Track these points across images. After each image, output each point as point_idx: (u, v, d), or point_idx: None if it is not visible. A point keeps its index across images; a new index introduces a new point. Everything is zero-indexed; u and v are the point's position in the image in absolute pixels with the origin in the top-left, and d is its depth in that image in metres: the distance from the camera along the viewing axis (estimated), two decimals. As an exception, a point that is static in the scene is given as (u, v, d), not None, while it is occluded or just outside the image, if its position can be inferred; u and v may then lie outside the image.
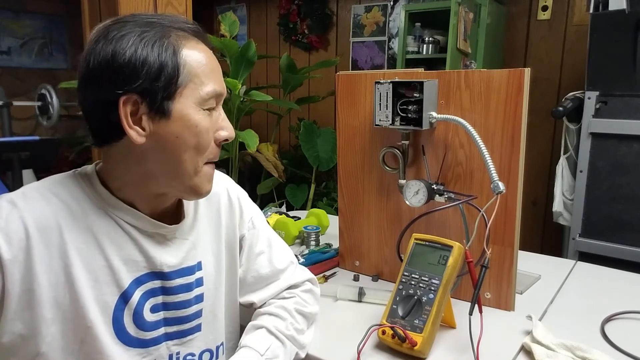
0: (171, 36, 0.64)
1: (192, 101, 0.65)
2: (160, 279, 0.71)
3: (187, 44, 0.66)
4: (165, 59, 0.63)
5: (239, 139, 2.54)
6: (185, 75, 0.64)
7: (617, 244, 1.95)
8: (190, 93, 0.65)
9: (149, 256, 0.70)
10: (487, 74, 0.92)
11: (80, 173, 0.70)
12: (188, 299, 0.74)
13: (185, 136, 0.65)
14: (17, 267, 0.60)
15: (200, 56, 0.66)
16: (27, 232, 0.61)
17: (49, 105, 3.48)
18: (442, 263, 0.82)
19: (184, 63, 0.64)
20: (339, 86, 1.11)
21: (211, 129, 0.68)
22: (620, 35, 1.93)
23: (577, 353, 0.77)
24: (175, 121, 0.64)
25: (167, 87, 0.63)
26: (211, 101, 0.68)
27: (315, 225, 1.38)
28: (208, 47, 0.70)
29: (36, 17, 4.03)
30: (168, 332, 0.73)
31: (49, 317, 0.62)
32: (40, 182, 0.68)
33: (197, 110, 0.66)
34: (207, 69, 0.67)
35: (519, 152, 0.91)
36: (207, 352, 0.78)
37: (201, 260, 0.77)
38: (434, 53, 2.80)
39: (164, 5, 1.36)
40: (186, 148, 0.66)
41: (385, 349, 0.82)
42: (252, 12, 4.18)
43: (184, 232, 0.75)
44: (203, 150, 0.68)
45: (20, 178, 2.55)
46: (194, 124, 0.66)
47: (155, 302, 0.71)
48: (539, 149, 2.75)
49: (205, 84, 0.66)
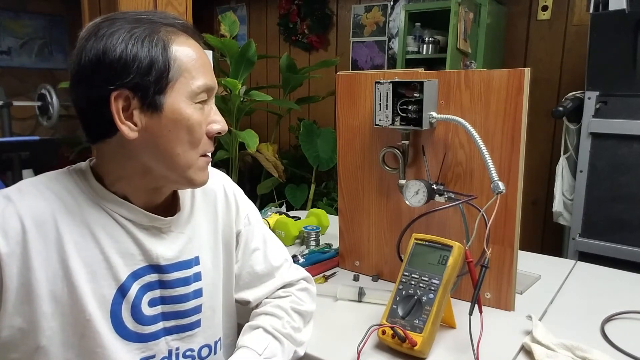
0: (161, 32, 0.65)
1: (184, 95, 0.66)
2: (157, 272, 0.72)
3: (177, 39, 0.67)
4: (156, 54, 0.64)
5: (239, 139, 2.54)
6: (175, 69, 0.65)
7: (617, 244, 1.95)
8: (181, 87, 0.66)
9: (144, 249, 0.70)
10: (487, 74, 0.92)
11: (74, 169, 0.71)
12: (186, 293, 0.74)
13: (177, 130, 0.66)
14: (14, 261, 0.60)
15: (190, 51, 0.67)
16: (23, 226, 0.61)
17: (49, 105, 3.48)
18: (442, 263, 0.82)
19: (175, 58, 0.65)
20: (339, 86, 1.11)
21: (203, 123, 0.69)
22: (620, 35, 1.93)
23: (577, 353, 0.77)
24: (167, 115, 0.65)
25: (158, 81, 0.64)
26: (202, 95, 0.68)
27: (315, 225, 1.38)
28: (198, 43, 0.70)
29: (36, 17, 4.03)
30: (167, 326, 0.73)
31: (48, 311, 0.63)
32: (35, 178, 0.68)
33: (188, 104, 0.66)
34: (198, 63, 0.68)
35: (519, 152, 0.91)
36: (206, 347, 0.79)
37: (198, 255, 0.77)
38: (434, 53, 2.80)
39: (164, 5, 1.36)
40: (179, 142, 0.67)
41: (385, 349, 0.82)
42: (252, 12, 4.18)
43: (180, 225, 0.76)
44: (196, 144, 0.68)
45: (20, 178, 2.54)
46: (185, 118, 0.66)
47: (153, 296, 0.71)
48: (539, 149, 2.75)
49: (196, 77, 0.67)
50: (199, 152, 0.70)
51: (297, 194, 3.33)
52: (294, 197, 3.30)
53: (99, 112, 0.64)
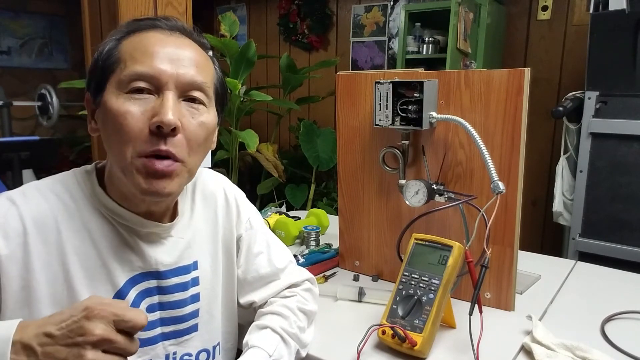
0: (140, 31, 0.65)
1: (114, 86, 0.62)
2: (156, 278, 0.71)
3: (141, 34, 0.64)
4: (109, 50, 0.64)
5: (239, 139, 2.53)
6: (114, 61, 0.63)
7: (617, 244, 1.95)
8: (114, 79, 0.63)
9: (143, 255, 0.70)
10: (487, 74, 0.92)
11: (80, 172, 0.71)
12: (184, 298, 0.74)
13: (108, 125, 0.63)
14: (14, 264, 0.60)
15: (142, 40, 0.63)
16: (24, 228, 0.61)
17: (49, 105, 3.48)
18: (442, 263, 0.82)
19: (119, 49, 0.64)
20: (339, 86, 1.11)
21: (139, 115, 0.61)
22: (620, 35, 1.93)
23: (577, 353, 0.77)
24: (103, 110, 0.64)
25: (101, 76, 0.64)
26: (136, 83, 0.61)
27: (315, 225, 1.38)
28: (178, 39, 0.65)
29: (36, 17, 4.03)
30: (164, 331, 0.73)
31: (48, 314, 0.62)
32: (40, 181, 0.68)
33: (117, 95, 0.61)
34: (141, 52, 0.62)
35: (519, 152, 0.91)
36: (204, 352, 0.78)
37: (197, 260, 0.77)
38: (434, 53, 2.80)
39: (164, 5, 1.36)
40: (110, 139, 0.63)
41: (385, 349, 0.82)
42: (252, 12, 4.18)
43: (180, 230, 0.75)
44: (126, 140, 0.61)
45: (20, 178, 2.55)
46: (109, 109, 0.61)
47: (151, 302, 0.71)
48: (539, 149, 2.75)
49: (129, 66, 0.61)
50: (133, 151, 0.61)
51: (297, 194, 3.33)
52: (294, 197, 3.30)
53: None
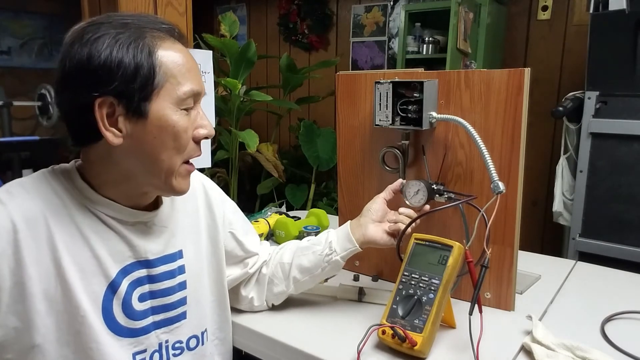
0: (147, 37, 0.65)
1: (169, 101, 0.66)
2: (146, 267, 0.73)
3: (163, 44, 0.66)
4: (141, 60, 0.63)
5: (239, 139, 2.53)
6: (161, 76, 0.65)
7: (617, 244, 1.95)
8: (167, 93, 0.66)
9: (132, 245, 0.71)
10: (487, 74, 0.92)
11: (60, 170, 0.71)
12: (172, 285, 0.77)
13: (163, 136, 0.66)
14: (5, 261, 0.61)
15: (176, 56, 0.67)
16: (14, 225, 0.62)
17: (49, 105, 3.47)
18: (442, 263, 0.82)
19: (160, 64, 0.65)
20: (339, 86, 1.11)
21: (190, 128, 0.69)
22: (620, 35, 1.93)
23: (577, 353, 0.77)
24: (153, 122, 0.65)
25: (144, 88, 0.64)
26: (189, 100, 0.68)
27: (315, 225, 1.38)
28: (185, 47, 0.70)
29: (36, 17, 4.02)
30: (156, 320, 0.75)
31: (42, 309, 0.63)
32: (22, 179, 0.69)
33: (174, 111, 0.67)
34: (184, 69, 0.67)
35: (519, 152, 0.91)
36: (194, 338, 0.81)
37: (182, 249, 0.79)
38: (434, 53, 2.80)
39: (164, 5, 1.36)
40: (164, 148, 0.67)
41: (385, 349, 0.82)
42: (252, 12, 4.18)
43: (162, 219, 0.77)
44: (182, 150, 0.69)
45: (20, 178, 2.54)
46: (171, 125, 0.66)
47: (143, 291, 0.73)
48: (539, 149, 2.75)
49: (182, 84, 0.67)
50: (183, 158, 0.70)
51: (297, 194, 3.33)
52: (294, 197, 3.30)
53: (84, 118, 0.64)
